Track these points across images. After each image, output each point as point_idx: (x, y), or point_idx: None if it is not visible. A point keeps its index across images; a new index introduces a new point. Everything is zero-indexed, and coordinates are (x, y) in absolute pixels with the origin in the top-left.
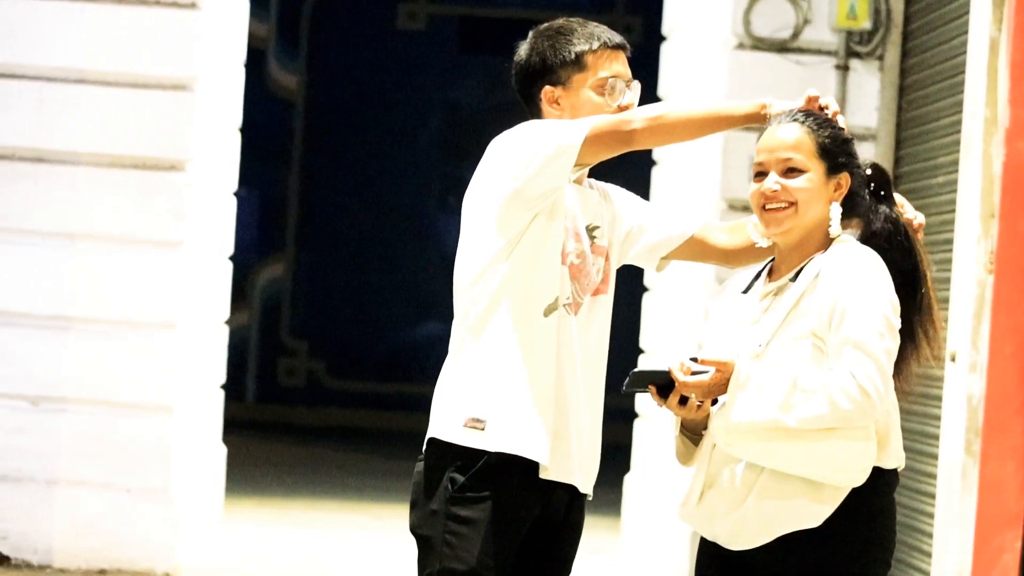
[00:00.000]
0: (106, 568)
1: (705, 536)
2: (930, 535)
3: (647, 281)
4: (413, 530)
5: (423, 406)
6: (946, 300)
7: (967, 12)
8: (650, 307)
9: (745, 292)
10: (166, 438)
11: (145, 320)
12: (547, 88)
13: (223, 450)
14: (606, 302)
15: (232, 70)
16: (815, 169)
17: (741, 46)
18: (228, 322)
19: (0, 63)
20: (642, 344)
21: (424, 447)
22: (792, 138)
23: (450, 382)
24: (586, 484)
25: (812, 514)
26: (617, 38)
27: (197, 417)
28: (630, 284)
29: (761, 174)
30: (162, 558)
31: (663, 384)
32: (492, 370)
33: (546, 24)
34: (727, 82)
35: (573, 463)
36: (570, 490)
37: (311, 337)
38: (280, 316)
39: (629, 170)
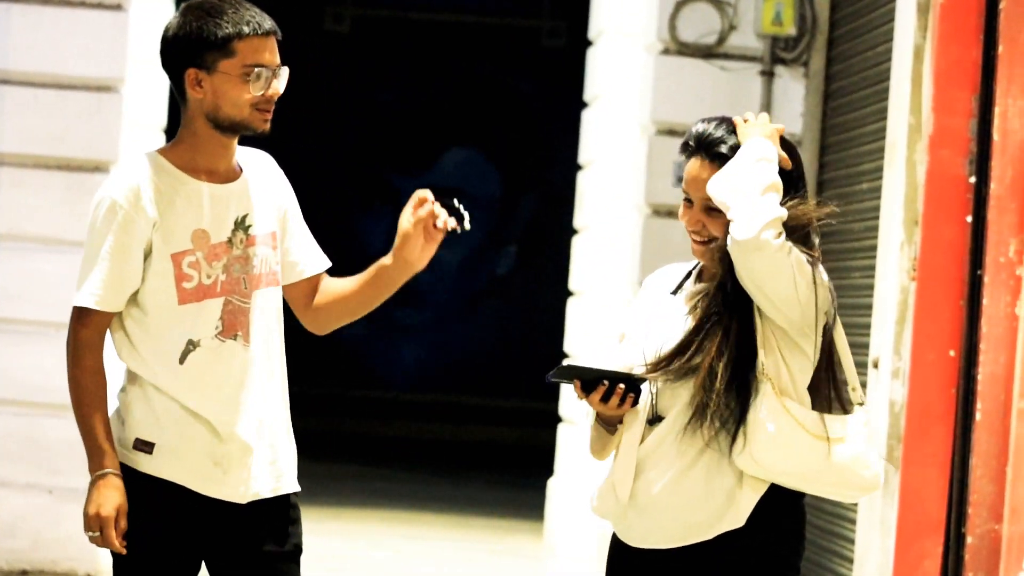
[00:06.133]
0: (28, 569)
1: (618, 532)
2: (852, 540)
3: (572, 286)
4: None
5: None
6: (869, 306)
7: (892, 19)
8: (575, 311)
9: (674, 293)
10: None
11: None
12: (191, 70)
13: None
14: (277, 293)
15: (157, 71)
16: None
17: (667, 51)
18: None
19: None
20: (567, 348)
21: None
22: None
23: (122, 402)
24: (281, 485)
25: (731, 519)
26: (267, 24)
27: None
28: (555, 288)
29: (688, 200)
30: (84, 559)
31: (589, 380)
32: (153, 399)
33: (199, 1)
34: (652, 87)
35: (254, 478)
36: (258, 504)
37: None
38: None
39: (555, 174)
